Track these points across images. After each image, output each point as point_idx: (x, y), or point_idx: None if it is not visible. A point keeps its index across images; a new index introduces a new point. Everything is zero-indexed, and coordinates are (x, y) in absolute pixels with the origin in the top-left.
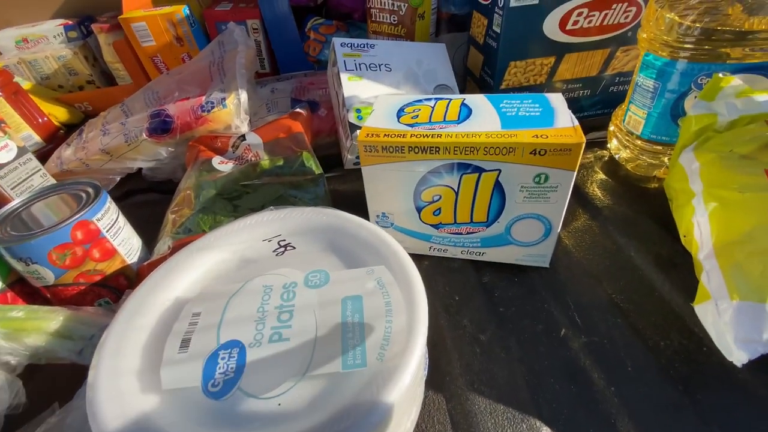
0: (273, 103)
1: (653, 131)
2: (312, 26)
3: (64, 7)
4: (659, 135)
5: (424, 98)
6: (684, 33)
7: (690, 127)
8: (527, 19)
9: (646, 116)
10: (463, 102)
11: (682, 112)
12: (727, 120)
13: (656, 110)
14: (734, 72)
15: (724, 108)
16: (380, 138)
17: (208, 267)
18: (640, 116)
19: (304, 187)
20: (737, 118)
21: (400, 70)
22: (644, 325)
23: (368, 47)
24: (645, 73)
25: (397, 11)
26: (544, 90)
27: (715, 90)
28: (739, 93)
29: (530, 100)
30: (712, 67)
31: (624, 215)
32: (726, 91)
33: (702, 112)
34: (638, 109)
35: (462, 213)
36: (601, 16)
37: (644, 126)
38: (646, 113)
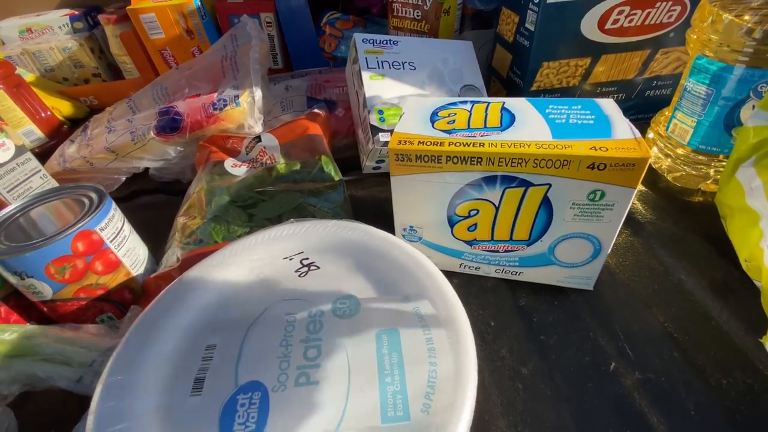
0: (288, 101)
1: (702, 141)
2: (328, 21)
3: None
4: (708, 145)
5: (459, 101)
6: (745, 36)
7: (747, 138)
8: (564, 17)
9: (696, 124)
10: (504, 106)
11: (737, 122)
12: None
13: (708, 119)
14: None
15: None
16: (414, 146)
17: (223, 287)
18: (688, 124)
19: (323, 194)
20: None
21: (424, 69)
22: (703, 359)
23: (391, 44)
24: (696, 78)
25: (421, 6)
26: (577, 93)
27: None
28: None
29: (580, 106)
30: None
31: (669, 232)
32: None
33: (762, 123)
34: (686, 117)
35: (501, 230)
36: (644, 14)
37: (692, 135)
38: (696, 121)
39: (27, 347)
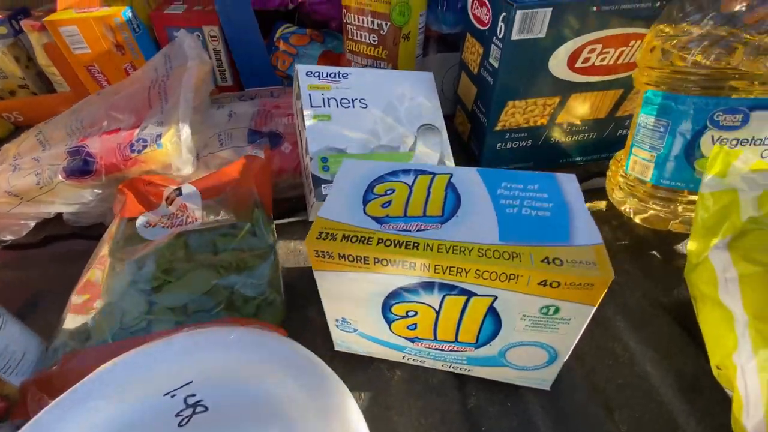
0: (227, 135)
1: (665, 176)
2: (282, 35)
3: None
4: (673, 180)
5: (401, 169)
6: (693, 65)
7: (709, 206)
8: (530, 55)
9: (656, 159)
10: (450, 181)
11: (699, 154)
12: (750, 196)
13: (667, 152)
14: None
15: (743, 183)
16: (337, 242)
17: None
18: (647, 160)
19: (249, 267)
20: (762, 193)
21: (378, 106)
22: None
23: (340, 77)
24: (649, 111)
25: (378, 30)
26: (545, 131)
27: (726, 164)
28: (753, 166)
29: (537, 185)
30: (729, 102)
31: (637, 307)
32: (738, 166)
33: (718, 189)
34: (644, 152)
35: (444, 332)
36: (617, 53)
37: (654, 170)
38: (655, 156)
39: None
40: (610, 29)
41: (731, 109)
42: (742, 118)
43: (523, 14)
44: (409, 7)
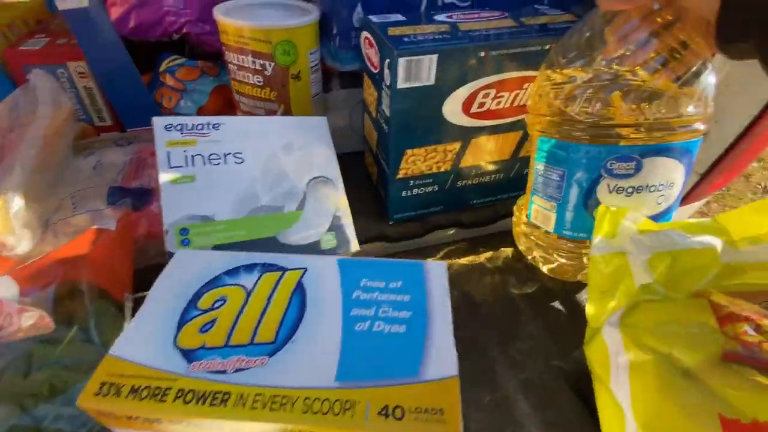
0: (82, 196)
1: (566, 226)
2: (168, 68)
3: None
4: (574, 231)
5: (246, 263)
6: (581, 113)
7: (601, 269)
8: (422, 102)
9: (556, 209)
10: (300, 282)
11: (597, 203)
12: (640, 260)
13: (565, 201)
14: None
15: (631, 245)
16: (121, 399)
17: None
18: (548, 209)
19: (70, 388)
20: (651, 256)
21: (257, 160)
22: None
23: (209, 128)
24: (544, 160)
25: (262, 71)
26: (451, 176)
27: (614, 224)
28: (641, 228)
29: (400, 282)
30: (621, 150)
31: (540, 381)
32: (626, 226)
33: (608, 252)
34: (544, 201)
35: None
36: (512, 96)
37: (555, 221)
38: (555, 205)
39: None
40: (502, 73)
41: (623, 157)
42: (635, 165)
43: (407, 61)
44: (294, 46)
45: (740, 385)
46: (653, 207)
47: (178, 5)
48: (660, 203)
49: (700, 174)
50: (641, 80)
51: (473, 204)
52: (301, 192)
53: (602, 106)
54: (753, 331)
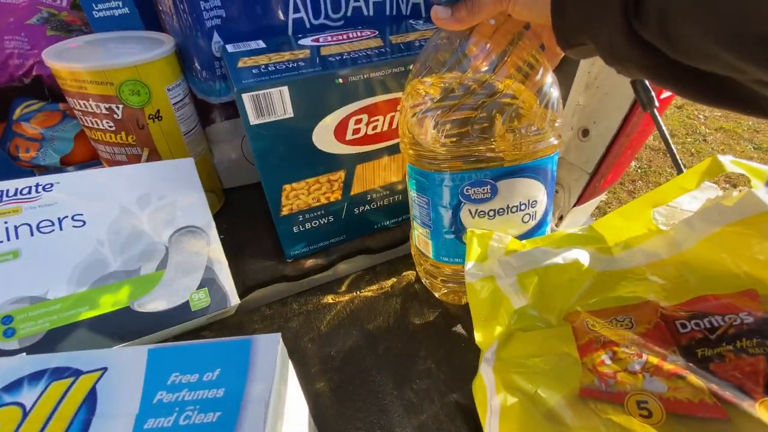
0: None
1: (443, 253)
2: (21, 116)
3: None
4: (450, 257)
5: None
6: (433, 140)
7: (476, 295)
8: (285, 136)
9: (430, 235)
10: (94, 388)
11: (463, 227)
12: (509, 282)
13: (436, 228)
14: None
15: (499, 268)
16: None
17: None
18: (424, 235)
19: None
20: (516, 278)
21: (102, 221)
22: None
23: (39, 191)
24: (413, 186)
25: (110, 114)
26: (344, 205)
27: (484, 247)
28: (507, 249)
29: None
30: (473, 175)
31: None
32: (494, 248)
33: (480, 277)
34: (421, 228)
35: None
36: (387, 119)
37: (433, 247)
38: (429, 232)
39: None
40: (372, 97)
41: (478, 182)
42: (491, 189)
43: (252, 97)
44: (144, 85)
45: (594, 427)
46: (520, 226)
47: (23, 46)
48: (527, 221)
49: (589, 173)
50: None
51: (377, 228)
52: (163, 248)
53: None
54: (609, 360)
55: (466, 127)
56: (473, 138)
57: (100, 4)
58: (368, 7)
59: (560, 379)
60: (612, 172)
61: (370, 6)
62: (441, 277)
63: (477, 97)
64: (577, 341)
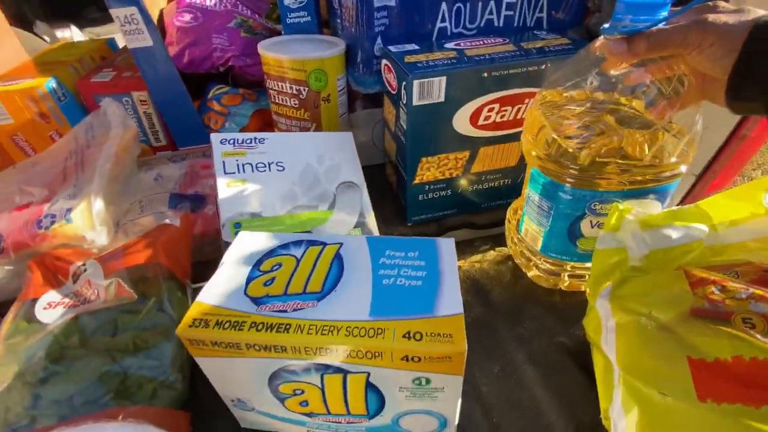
0: (147, 201)
1: (553, 250)
2: (214, 96)
3: None
4: (559, 254)
5: (293, 241)
6: (570, 159)
7: (600, 262)
8: (434, 117)
9: (543, 233)
10: (338, 252)
11: (580, 235)
12: (638, 255)
13: (553, 230)
14: (626, 197)
15: (632, 241)
16: (209, 329)
17: None
18: (536, 232)
19: (149, 347)
20: (648, 252)
21: (295, 169)
22: None
23: (256, 142)
24: (535, 188)
25: (298, 95)
26: (462, 181)
27: (619, 220)
28: (643, 224)
29: (416, 252)
30: (605, 195)
31: (544, 354)
32: (629, 222)
33: (610, 246)
34: (533, 224)
35: (335, 406)
36: (514, 110)
37: (542, 243)
38: (543, 231)
39: None
40: (505, 90)
41: (607, 200)
42: None
43: (420, 83)
44: (325, 74)
45: (704, 333)
46: None
47: (224, 43)
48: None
49: (696, 175)
50: (636, 111)
51: (484, 207)
52: (332, 195)
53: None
54: (718, 291)
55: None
56: (614, 162)
57: (292, 14)
58: (499, 19)
59: (672, 303)
60: (720, 176)
61: (501, 18)
62: (540, 266)
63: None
64: (689, 280)
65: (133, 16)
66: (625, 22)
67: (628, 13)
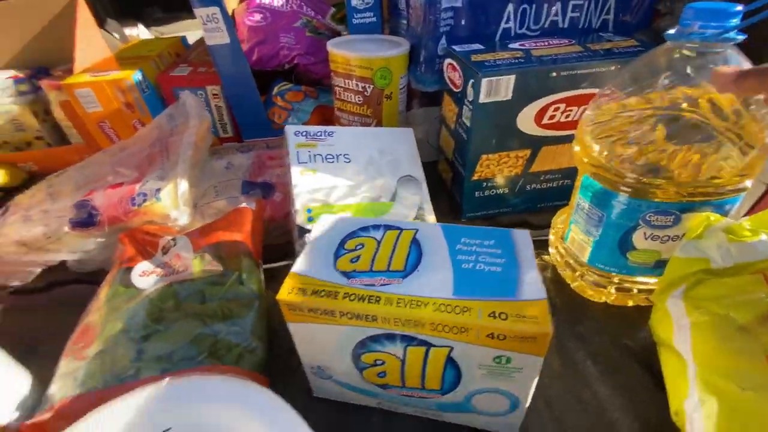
0: (222, 186)
1: (601, 261)
2: (278, 92)
3: (17, 58)
4: (608, 265)
5: (372, 224)
6: (626, 166)
7: (677, 270)
8: (499, 114)
9: (592, 244)
10: (415, 237)
11: (632, 247)
12: (720, 266)
13: (602, 240)
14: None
15: (716, 253)
16: (307, 297)
17: None
18: (584, 242)
19: (234, 316)
20: (732, 265)
21: (360, 161)
22: None
23: (325, 135)
24: (586, 197)
25: (363, 92)
26: (520, 180)
27: (704, 229)
28: (729, 234)
29: (492, 241)
30: (662, 206)
31: (606, 353)
32: (715, 232)
33: (692, 255)
34: (581, 234)
35: (411, 380)
36: (580, 110)
37: (590, 253)
38: (592, 240)
39: None
40: (571, 90)
41: (663, 212)
42: (674, 219)
43: (489, 81)
44: (390, 72)
45: None
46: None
47: (290, 42)
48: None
49: (767, 184)
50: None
51: (540, 207)
52: (393, 187)
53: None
54: None
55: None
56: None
57: (359, 14)
58: (564, 20)
59: (751, 306)
60: None
61: (566, 20)
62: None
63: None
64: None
65: (215, 15)
66: (693, 28)
67: (696, 20)
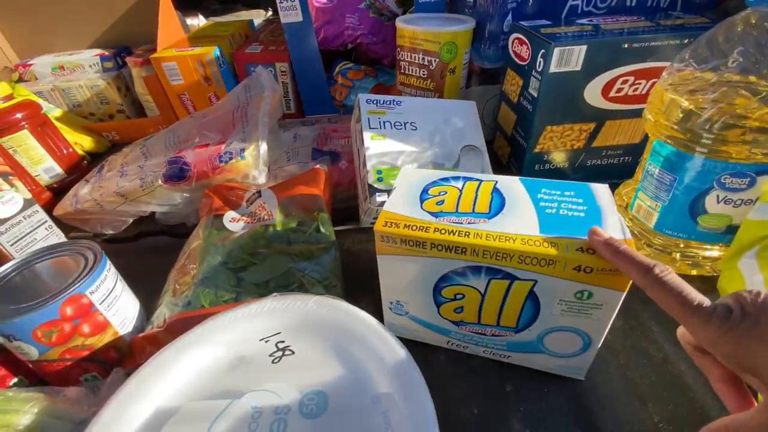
0: (294, 152)
1: (668, 226)
2: (340, 71)
3: (103, 37)
4: (675, 231)
5: (452, 176)
6: (702, 127)
7: (750, 232)
8: (567, 85)
9: (661, 209)
10: (495, 187)
11: (703, 211)
12: None
13: (673, 205)
14: (759, 172)
15: None
16: (400, 229)
17: (198, 365)
18: (652, 208)
19: (315, 257)
20: None
21: (426, 129)
22: None
23: (394, 104)
24: (657, 162)
25: (428, 65)
26: (582, 154)
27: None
28: None
29: (573, 192)
30: (737, 167)
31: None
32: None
33: (766, 218)
34: (649, 200)
35: (488, 316)
36: (648, 84)
37: (658, 219)
38: (660, 206)
39: (2, 418)
40: (641, 63)
41: (738, 173)
42: (749, 181)
43: (560, 51)
44: (456, 46)
45: None
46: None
47: (355, 22)
48: None
49: None
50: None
51: None
52: (456, 155)
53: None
54: None
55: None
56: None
57: None
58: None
59: None
60: None
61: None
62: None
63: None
64: None
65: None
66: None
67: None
